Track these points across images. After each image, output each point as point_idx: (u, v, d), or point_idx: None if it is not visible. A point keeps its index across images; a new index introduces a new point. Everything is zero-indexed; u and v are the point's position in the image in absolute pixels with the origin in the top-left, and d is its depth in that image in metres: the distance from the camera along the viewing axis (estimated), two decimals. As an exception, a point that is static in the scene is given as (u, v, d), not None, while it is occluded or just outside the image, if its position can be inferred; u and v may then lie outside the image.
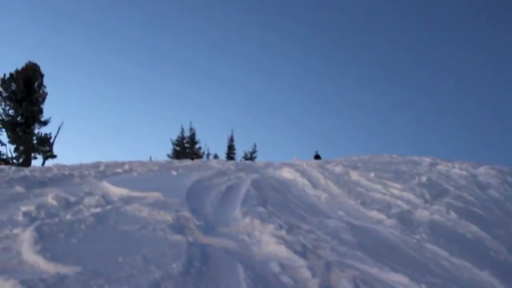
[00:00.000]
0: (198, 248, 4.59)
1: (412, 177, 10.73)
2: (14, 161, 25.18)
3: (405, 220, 7.39)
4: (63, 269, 3.43)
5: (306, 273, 4.32)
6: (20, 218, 4.89)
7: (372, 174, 10.87)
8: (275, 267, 4.41)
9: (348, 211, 7.80)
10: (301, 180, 10.25)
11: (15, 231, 4.39)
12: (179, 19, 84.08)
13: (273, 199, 7.99)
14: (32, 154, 26.18)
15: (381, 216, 7.45)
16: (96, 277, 3.34)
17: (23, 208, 5.21)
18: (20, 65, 27.52)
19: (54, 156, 26.65)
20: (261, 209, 6.80)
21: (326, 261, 4.68)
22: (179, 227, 5.25)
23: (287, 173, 11.14)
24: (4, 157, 25.51)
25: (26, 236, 4.14)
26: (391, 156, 16.62)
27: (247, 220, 6.01)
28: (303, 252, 4.90)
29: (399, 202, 8.54)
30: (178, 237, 4.80)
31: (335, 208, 8.00)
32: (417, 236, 6.52)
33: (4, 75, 26.66)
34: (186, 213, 5.88)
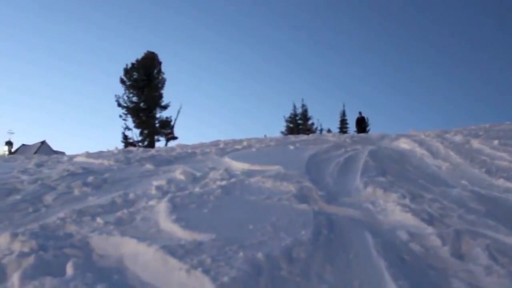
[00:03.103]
0: (324, 217, 4.56)
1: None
2: (140, 143, 27.10)
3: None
4: (198, 236, 3.58)
5: (435, 241, 4.12)
6: (154, 191, 5.20)
7: (496, 142, 10.12)
8: (403, 235, 4.25)
9: (472, 180, 7.32)
10: (419, 150, 9.86)
11: (151, 203, 4.68)
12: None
13: (392, 170, 7.75)
14: (155, 137, 28.03)
15: (510, 184, 6.92)
16: (230, 243, 3.45)
17: (155, 183, 5.54)
18: (139, 55, 29.39)
19: (175, 138, 28.22)
20: (381, 179, 6.62)
21: (455, 230, 4.42)
22: (303, 197, 5.26)
23: (404, 144, 10.81)
24: (131, 140, 27.65)
25: (161, 207, 4.39)
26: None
27: (369, 189, 5.87)
28: (430, 220, 4.68)
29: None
30: (303, 206, 4.81)
31: (457, 177, 7.57)
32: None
33: (127, 65, 28.74)
34: (307, 183, 5.89)
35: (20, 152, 38.74)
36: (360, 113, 24.96)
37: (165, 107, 28.99)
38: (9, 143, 47.02)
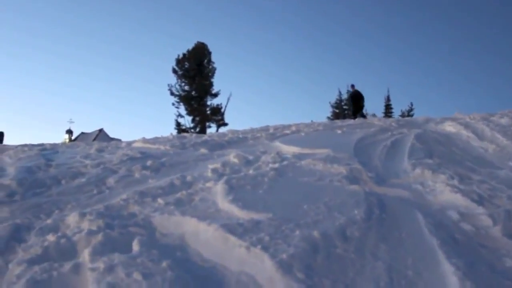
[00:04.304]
0: (375, 197, 4.60)
1: None
2: (192, 130, 27.86)
3: None
4: (255, 215, 3.71)
5: (486, 221, 4.10)
6: (210, 174, 5.37)
7: (542, 124, 9.83)
8: (454, 215, 4.25)
9: (520, 161, 7.20)
10: (465, 133, 9.70)
11: (208, 184, 4.85)
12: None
13: (439, 152, 7.68)
14: (207, 123, 28.77)
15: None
16: (286, 222, 3.56)
17: (211, 166, 5.71)
18: (190, 45, 30.28)
19: (225, 124, 28.75)
20: (429, 161, 6.59)
21: (505, 210, 4.38)
22: (353, 178, 5.31)
23: (449, 127, 10.68)
24: (184, 127, 28.52)
25: (218, 188, 4.55)
26: None
27: (418, 171, 5.86)
28: (479, 201, 4.64)
29: None
30: (354, 187, 4.86)
31: (504, 159, 7.42)
32: None
33: (178, 55, 29.70)
34: (357, 166, 5.92)
35: (80, 140, 40.36)
36: (352, 86, 20.43)
37: (215, 95, 29.83)
38: (69, 132, 49.13)
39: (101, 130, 46.14)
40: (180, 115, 29.38)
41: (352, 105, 20.65)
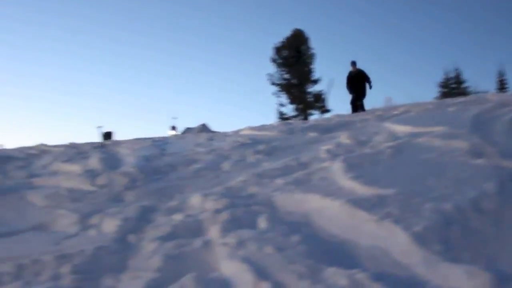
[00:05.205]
0: (504, 171, 4.27)
1: None
2: (294, 118, 27.85)
3: None
4: (380, 191, 3.57)
5: None
6: (324, 155, 5.29)
7: None
8: None
9: None
10: None
11: (324, 164, 4.77)
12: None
13: None
14: (309, 111, 28.59)
15: None
16: (414, 197, 3.38)
17: (323, 147, 5.64)
18: (287, 33, 30.17)
19: (328, 111, 28.20)
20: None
21: None
22: (476, 153, 4.95)
23: None
24: (286, 116, 28.56)
25: (336, 167, 4.45)
26: None
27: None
28: None
29: None
30: (479, 161, 4.53)
31: None
32: None
33: (276, 44, 29.74)
34: (478, 140, 5.55)
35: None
36: (353, 64, 14.54)
37: (316, 82, 29.51)
38: (173, 128, 51.36)
39: (203, 125, 47.71)
40: (281, 105, 29.53)
41: (350, 91, 14.57)
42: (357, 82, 14.19)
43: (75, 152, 7.83)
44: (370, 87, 14.37)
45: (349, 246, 2.88)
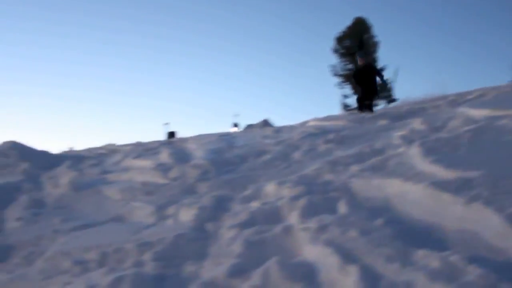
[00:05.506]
0: None
1: None
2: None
3: None
4: (464, 174, 3.38)
5: None
6: (398, 141, 5.12)
7: None
8: None
9: None
10: None
11: (399, 150, 4.61)
12: None
13: None
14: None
15: None
16: (503, 178, 3.18)
17: (397, 133, 5.46)
18: (348, 22, 29.44)
19: (394, 100, 27.23)
20: None
21: None
22: None
23: None
24: (350, 107, 27.85)
25: (413, 152, 4.29)
26: None
27: None
28: None
29: None
30: None
31: None
32: None
33: (338, 34, 28.98)
34: None
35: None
36: (361, 57, 11.87)
37: (381, 70, 28.49)
38: (235, 125, 51.84)
39: (265, 120, 47.78)
40: (345, 96, 28.80)
41: (357, 87, 12.80)
42: (366, 78, 11.80)
43: (143, 149, 8.04)
44: (384, 83, 12.37)
45: (436, 229, 2.76)
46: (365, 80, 11.58)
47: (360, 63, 11.96)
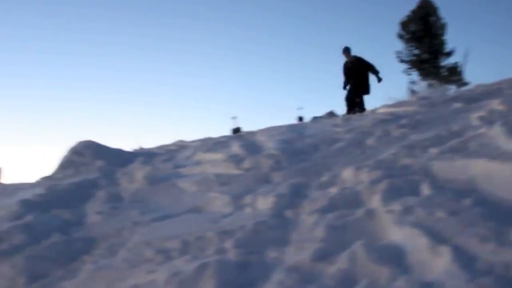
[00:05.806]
0: None
1: None
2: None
3: None
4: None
5: None
6: (476, 122, 4.95)
7: None
8: None
9: None
10: None
11: (479, 131, 4.44)
12: None
13: None
14: (444, 86, 26.61)
15: None
16: None
17: (475, 115, 5.28)
18: (412, 6, 28.37)
19: (466, 84, 26.03)
20: None
21: None
22: None
23: None
24: (419, 95, 26.85)
25: (495, 132, 4.10)
26: None
27: None
28: None
29: None
30: None
31: None
32: None
33: (402, 19, 27.97)
34: None
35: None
36: (346, 51, 11.35)
37: (450, 54, 27.39)
38: (300, 118, 51.80)
39: (331, 112, 47.44)
40: (413, 82, 27.93)
41: (346, 86, 11.64)
42: (356, 75, 11.07)
43: (213, 143, 8.17)
44: (379, 79, 11.17)
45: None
46: (354, 77, 11.06)
47: (347, 59, 11.33)
